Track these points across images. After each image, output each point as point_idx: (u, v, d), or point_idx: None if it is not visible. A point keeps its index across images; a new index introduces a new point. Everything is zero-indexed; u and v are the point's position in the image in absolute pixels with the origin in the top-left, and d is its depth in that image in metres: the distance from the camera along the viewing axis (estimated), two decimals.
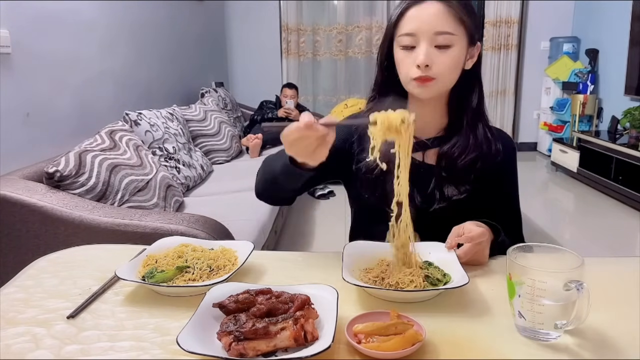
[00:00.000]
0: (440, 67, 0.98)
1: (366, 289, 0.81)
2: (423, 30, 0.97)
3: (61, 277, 0.90)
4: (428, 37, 0.97)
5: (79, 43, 2.52)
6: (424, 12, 0.98)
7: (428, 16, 0.98)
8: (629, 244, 3.15)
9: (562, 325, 0.67)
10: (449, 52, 0.98)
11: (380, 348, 0.63)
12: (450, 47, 0.98)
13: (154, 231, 1.60)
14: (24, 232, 1.62)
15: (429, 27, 0.97)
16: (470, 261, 0.91)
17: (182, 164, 2.71)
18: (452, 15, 0.98)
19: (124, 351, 0.67)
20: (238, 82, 5.71)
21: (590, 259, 0.74)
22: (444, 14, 0.98)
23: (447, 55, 0.98)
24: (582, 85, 4.91)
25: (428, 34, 0.97)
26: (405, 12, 1.00)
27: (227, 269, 0.88)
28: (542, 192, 4.57)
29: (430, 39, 0.97)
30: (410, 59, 0.99)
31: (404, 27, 1.00)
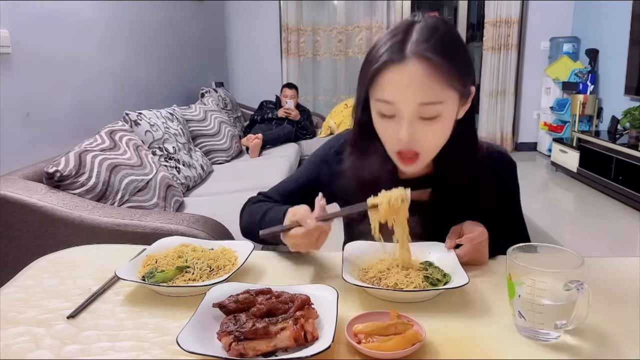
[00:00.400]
0: (425, 141, 0.85)
1: (366, 289, 0.81)
2: (404, 100, 0.80)
3: (61, 277, 0.90)
4: (410, 108, 0.81)
5: (79, 43, 2.52)
6: (404, 76, 0.80)
7: (409, 83, 0.80)
8: (629, 244, 3.15)
9: (562, 325, 0.67)
10: (436, 123, 0.83)
11: (380, 348, 0.63)
12: (437, 117, 0.82)
13: (154, 231, 1.60)
14: (24, 232, 1.62)
15: (410, 97, 0.80)
16: (470, 261, 0.91)
17: (182, 164, 2.71)
18: (439, 79, 0.80)
19: (124, 351, 0.67)
20: (238, 82, 5.71)
21: (590, 259, 0.74)
22: (429, 79, 0.79)
23: (434, 127, 0.83)
24: (582, 85, 4.91)
25: (410, 104, 0.81)
26: (381, 70, 0.81)
27: (227, 269, 0.88)
28: (542, 192, 4.57)
29: (413, 110, 0.81)
30: (390, 129, 0.85)
31: (380, 91, 0.82)
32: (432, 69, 0.79)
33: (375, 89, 0.83)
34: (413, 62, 0.79)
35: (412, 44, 0.80)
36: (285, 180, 1.15)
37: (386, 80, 0.81)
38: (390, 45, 0.81)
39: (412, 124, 0.82)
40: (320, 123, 4.93)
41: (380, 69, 0.81)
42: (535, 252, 0.73)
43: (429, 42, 0.80)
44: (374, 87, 0.83)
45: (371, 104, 0.87)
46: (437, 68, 0.79)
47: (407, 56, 0.79)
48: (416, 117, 0.82)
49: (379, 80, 0.82)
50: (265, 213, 1.00)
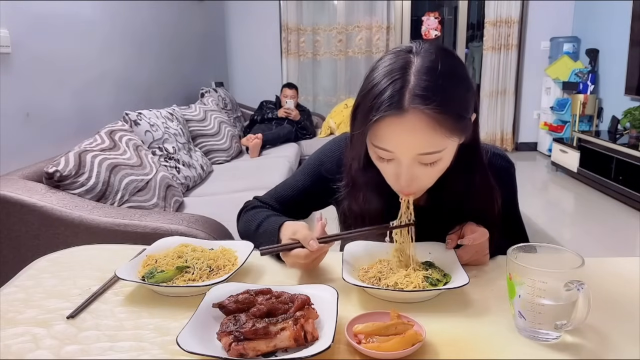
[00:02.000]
0: (425, 182, 0.85)
1: (366, 289, 0.81)
2: (403, 150, 0.79)
3: (61, 277, 0.90)
4: (409, 158, 0.80)
5: (79, 43, 2.52)
6: (404, 128, 0.77)
7: (409, 135, 0.77)
8: (629, 244, 3.15)
9: (562, 325, 0.67)
10: (436, 166, 0.82)
11: (380, 348, 0.63)
12: (437, 162, 0.81)
13: (154, 231, 1.60)
14: (24, 232, 1.62)
15: (410, 149, 0.79)
16: (471, 261, 0.91)
17: (182, 164, 2.71)
18: (440, 131, 0.77)
19: (124, 351, 0.67)
20: (238, 82, 5.71)
21: (590, 259, 0.73)
22: (429, 131, 0.77)
23: (434, 170, 0.82)
24: (582, 85, 4.91)
25: (409, 155, 0.79)
26: (381, 120, 0.77)
27: (227, 269, 0.88)
28: (542, 192, 4.57)
29: (411, 159, 0.80)
30: (389, 170, 0.84)
31: (379, 139, 0.80)
32: (432, 123, 0.76)
33: (374, 136, 0.81)
34: (412, 116, 0.76)
35: (411, 93, 0.76)
36: (282, 185, 1.14)
37: (385, 130, 0.79)
38: (389, 95, 0.77)
39: (411, 169, 0.81)
40: (320, 123, 4.93)
41: (381, 116, 0.77)
42: (535, 252, 0.73)
43: (428, 93, 0.76)
44: (372, 134, 0.81)
45: (369, 145, 0.84)
46: (438, 122, 0.76)
47: (406, 109, 0.76)
48: (415, 163, 0.81)
49: (378, 130, 0.79)
50: (260, 224, 1.01)
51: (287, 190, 1.11)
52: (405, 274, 0.83)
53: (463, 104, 0.81)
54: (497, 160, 1.02)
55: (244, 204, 1.14)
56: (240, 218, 1.11)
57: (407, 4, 5.65)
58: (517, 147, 5.84)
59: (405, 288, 0.80)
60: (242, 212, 1.12)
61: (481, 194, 0.94)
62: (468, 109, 0.82)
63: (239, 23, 5.61)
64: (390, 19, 5.57)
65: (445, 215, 0.95)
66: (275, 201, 1.11)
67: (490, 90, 5.61)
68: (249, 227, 1.03)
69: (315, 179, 1.08)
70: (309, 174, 1.09)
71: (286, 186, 1.12)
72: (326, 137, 4.58)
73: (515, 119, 5.77)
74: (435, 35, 5.78)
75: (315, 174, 1.08)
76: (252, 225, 1.03)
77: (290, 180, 1.13)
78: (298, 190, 1.09)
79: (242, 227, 1.08)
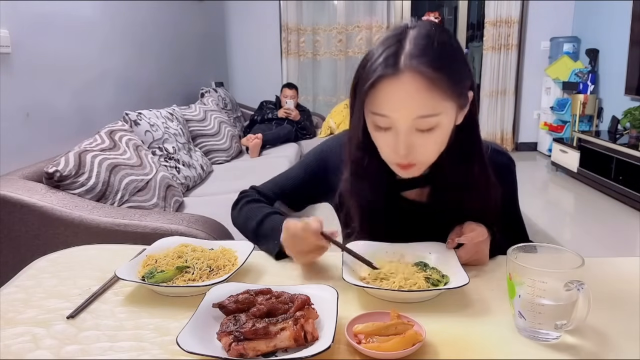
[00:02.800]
0: (423, 152, 0.84)
1: (366, 289, 0.81)
2: (400, 114, 0.79)
3: (61, 277, 0.90)
4: (406, 122, 0.79)
5: (79, 43, 2.52)
6: (399, 90, 0.78)
7: (405, 97, 0.78)
8: (629, 244, 3.15)
9: (562, 325, 0.67)
10: (434, 134, 0.81)
11: (380, 348, 0.63)
12: (434, 128, 0.81)
13: (154, 231, 1.60)
14: (23, 232, 1.62)
15: (406, 111, 0.79)
16: (471, 261, 0.91)
17: (182, 164, 2.71)
18: (435, 92, 0.78)
19: (124, 351, 0.67)
20: (238, 82, 5.71)
21: (590, 259, 0.73)
22: (425, 92, 0.77)
23: (432, 138, 0.82)
24: (582, 85, 4.91)
25: (406, 118, 0.79)
26: (376, 84, 0.78)
27: (227, 269, 0.88)
28: (542, 192, 4.57)
29: (409, 124, 0.80)
30: (387, 140, 0.84)
31: (376, 105, 0.81)
32: (427, 83, 0.77)
33: (371, 102, 0.81)
34: (407, 75, 0.77)
35: (406, 56, 0.78)
36: (280, 176, 1.14)
37: (381, 94, 0.79)
38: (384, 58, 0.79)
39: (408, 136, 0.81)
40: (320, 123, 4.93)
41: (375, 82, 0.79)
42: (535, 252, 0.73)
43: (424, 53, 0.78)
44: (369, 100, 0.81)
45: (366, 116, 0.85)
46: (433, 81, 0.77)
47: (402, 70, 0.77)
48: (413, 130, 0.81)
49: (374, 94, 0.80)
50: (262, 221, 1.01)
51: (285, 181, 1.11)
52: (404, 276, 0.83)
53: (458, 70, 0.83)
54: (497, 156, 1.01)
55: (240, 193, 1.13)
56: (237, 208, 1.10)
57: (407, 4, 5.65)
58: (517, 147, 5.84)
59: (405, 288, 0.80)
60: (239, 203, 1.11)
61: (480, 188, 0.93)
62: (463, 78, 0.83)
63: (239, 23, 5.61)
64: (390, 19, 5.56)
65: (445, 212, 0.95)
66: (273, 192, 1.11)
67: (490, 90, 5.61)
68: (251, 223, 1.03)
69: (313, 172, 1.08)
70: (308, 166, 1.09)
71: (284, 177, 1.13)
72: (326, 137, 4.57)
73: (515, 119, 5.76)
74: None
75: (314, 167, 1.08)
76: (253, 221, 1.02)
77: (289, 172, 1.14)
78: (296, 182, 1.10)
79: (242, 221, 1.07)
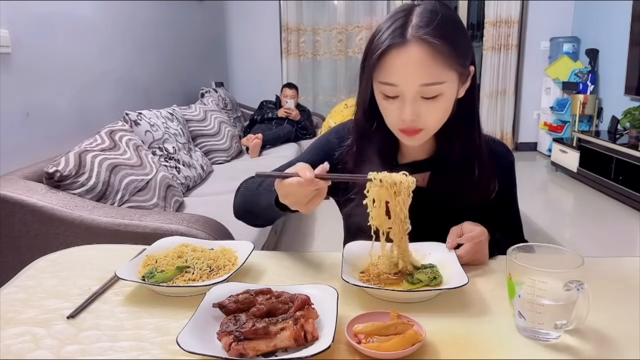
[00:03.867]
0: (428, 119, 0.88)
1: (366, 289, 0.81)
2: (406, 82, 0.85)
3: (61, 277, 0.90)
4: (413, 90, 0.85)
5: (79, 43, 2.52)
6: (406, 59, 0.83)
7: (411, 65, 0.84)
8: (629, 244, 3.15)
9: (562, 325, 0.67)
10: (438, 101, 0.87)
11: (380, 348, 0.63)
12: (439, 96, 0.86)
13: (154, 231, 1.60)
14: (24, 232, 1.62)
15: (413, 79, 0.84)
16: (471, 261, 0.91)
17: (182, 164, 2.71)
18: (440, 61, 0.84)
19: (124, 351, 0.67)
20: (238, 82, 5.71)
21: (590, 259, 0.73)
22: (430, 61, 0.83)
23: (436, 105, 0.87)
24: (582, 85, 4.91)
25: (412, 86, 0.85)
26: (384, 54, 0.84)
27: (227, 269, 0.88)
28: (542, 192, 4.57)
29: (415, 91, 0.85)
30: (394, 108, 0.88)
31: (384, 74, 0.86)
32: (432, 52, 0.83)
33: (379, 72, 0.87)
34: (414, 45, 0.83)
35: (413, 27, 0.84)
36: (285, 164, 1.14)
37: (389, 63, 0.85)
38: (392, 30, 0.85)
39: (414, 103, 0.86)
40: (320, 123, 4.93)
41: (383, 53, 0.84)
42: (535, 252, 0.73)
43: (429, 25, 0.84)
44: (377, 71, 0.87)
45: (374, 87, 0.90)
46: (438, 50, 0.83)
47: (409, 40, 0.83)
48: (418, 97, 0.86)
49: (382, 64, 0.85)
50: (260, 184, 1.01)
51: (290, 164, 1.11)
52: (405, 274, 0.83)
53: (461, 42, 0.88)
54: (496, 146, 1.06)
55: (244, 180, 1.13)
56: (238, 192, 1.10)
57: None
58: (517, 147, 5.84)
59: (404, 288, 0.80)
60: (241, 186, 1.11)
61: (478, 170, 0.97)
62: (466, 50, 0.89)
63: (239, 23, 5.61)
64: None
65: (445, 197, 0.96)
66: None
67: (490, 90, 5.61)
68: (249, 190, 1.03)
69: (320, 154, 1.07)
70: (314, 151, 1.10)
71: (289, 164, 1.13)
72: None
73: (515, 119, 5.77)
74: None
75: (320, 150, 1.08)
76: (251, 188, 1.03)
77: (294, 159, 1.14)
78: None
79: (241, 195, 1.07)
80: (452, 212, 0.96)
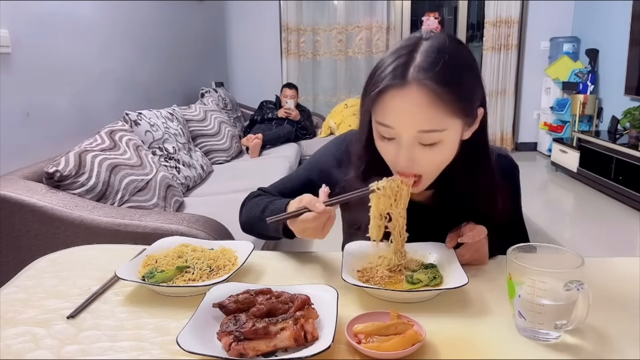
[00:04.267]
0: (424, 164, 0.83)
1: (366, 289, 0.81)
2: (403, 126, 0.79)
3: (61, 277, 0.90)
4: (410, 135, 0.79)
5: (79, 43, 2.52)
6: (405, 101, 0.77)
7: (410, 109, 0.77)
8: (629, 244, 3.15)
9: (562, 325, 0.67)
10: (437, 148, 0.81)
11: (380, 348, 0.63)
12: (438, 143, 0.80)
13: (154, 231, 1.60)
14: (24, 232, 1.62)
15: (410, 124, 0.78)
16: (471, 261, 0.91)
17: (182, 164, 2.71)
18: (441, 108, 0.77)
19: (124, 351, 0.67)
20: (238, 82, 5.71)
21: (590, 259, 0.73)
22: (430, 106, 0.76)
23: (434, 152, 0.81)
24: (582, 85, 4.91)
25: (409, 131, 0.79)
26: (383, 93, 0.78)
27: (227, 269, 0.88)
28: (542, 192, 4.57)
29: (412, 136, 0.79)
30: (390, 149, 0.84)
31: (381, 114, 0.81)
32: (433, 97, 0.76)
33: (377, 111, 0.82)
34: (414, 88, 0.77)
35: (415, 68, 0.77)
36: (285, 178, 1.15)
37: (387, 104, 0.79)
38: (393, 67, 0.79)
39: (410, 149, 0.81)
40: (320, 123, 4.93)
41: (381, 92, 0.79)
42: (535, 252, 0.73)
43: (433, 67, 0.77)
44: (375, 109, 0.82)
45: (373, 124, 0.85)
46: (439, 97, 0.76)
47: (409, 82, 0.77)
48: (416, 142, 0.81)
49: (380, 103, 0.80)
50: (266, 206, 1.00)
51: (291, 182, 1.12)
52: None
53: (468, 87, 0.81)
54: (502, 161, 1.02)
55: (248, 195, 1.13)
56: (243, 208, 1.11)
57: (407, 4, 5.65)
58: (517, 147, 5.84)
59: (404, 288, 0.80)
60: (246, 201, 1.11)
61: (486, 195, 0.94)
62: (473, 95, 0.82)
63: (239, 23, 5.61)
64: (390, 19, 5.56)
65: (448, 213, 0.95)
66: (279, 192, 1.11)
67: (490, 90, 5.60)
68: (254, 212, 1.03)
69: (319, 172, 1.08)
70: (311, 169, 1.09)
71: (288, 180, 1.13)
72: (326, 137, 4.58)
73: (515, 119, 5.76)
74: None
75: (317, 170, 1.08)
76: (257, 209, 1.02)
77: (294, 173, 1.14)
78: (302, 182, 1.10)
79: (247, 213, 1.07)
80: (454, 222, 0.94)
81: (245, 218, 1.08)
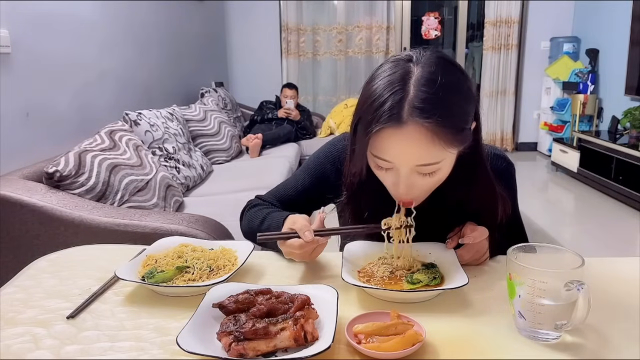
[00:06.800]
0: (423, 191, 0.85)
1: (366, 289, 0.81)
2: (401, 161, 0.80)
3: (61, 277, 0.90)
4: (408, 168, 0.80)
5: (79, 43, 2.52)
6: (402, 139, 0.77)
7: (408, 147, 0.78)
8: (629, 244, 3.15)
9: (562, 325, 0.67)
10: (435, 175, 0.82)
11: (380, 348, 0.63)
12: (436, 172, 0.82)
13: (154, 231, 1.60)
14: (23, 232, 1.62)
15: (408, 159, 0.79)
16: (471, 261, 0.91)
17: (182, 164, 2.71)
18: (437, 142, 0.77)
19: (124, 351, 0.67)
20: (238, 82, 5.71)
21: (590, 259, 0.73)
22: (428, 144, 0.77)
23: (433, 178, 0.83)
24: (582, 85, 4.91)
25: (408, 165, 0.80)
26: (381, 131, 0.77)
27: (227, 269, 0.88)
28: (542, 192, 4.57)
29: (410, 169, 0.81)
30: (388, 178, 0.84)
31: (378, 149, 0.80)
32: (431, 135, 0.76)
33: (373, 146, 0.81)
34: (411, 128, 0.76)
35: (410, 105, 0.76)
36: (283, 184, 1.14)
37: (384, 140, 0.79)
38: (388, 107, 0.77)
39: (409, 178, 0.82)
40: (320, 123, 4.93)
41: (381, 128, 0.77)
42: (535, 252, 0.73)
43: (428, 102, 0.76)
44: (372, 143, 0.81)
45: (368, 154, 0.84)
46: (437, 134, 0.76)
47: (405, 122, 0.76)
48: (414, 172, 0.81)
49: (377, 139, 0.79)
50: (263, 219, 1.01)
51: (288, 189, 1.11)
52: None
53: (462, 115, 0.81)
54: (497, 161, 1.02)
55: (247, 203, 1.14)
56: (243, 217, 1.12)
57: (407, 4, 5.65)
58: (517, 147, 5.84)
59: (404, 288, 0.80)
60: (245, 211, 1.12)
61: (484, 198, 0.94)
62: (467, 120, 0.82)
63: (239, 23, 5.61)
64: (390, 19, 5.56)
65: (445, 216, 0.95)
66: (277, 200, 1.11)
67: (490, 90, 5.61)
68: (253, 224, 1.04)
69: (315, 179, 1.08)
70: (309, 174, 1.09)
71: (287, 186, 1.13)
72: (326, 137, 4.58)
73: (515, 119, 5.76)
74: (435, 35, 5.78)
75: (315, 174, 1.08)
76: (255, 222, 1.03)
77: (291, 180, 1.13)
78: (299, 190, 1.10)
79: (246, 225, 1.09)
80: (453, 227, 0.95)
81: (246, 228, 1.09)
